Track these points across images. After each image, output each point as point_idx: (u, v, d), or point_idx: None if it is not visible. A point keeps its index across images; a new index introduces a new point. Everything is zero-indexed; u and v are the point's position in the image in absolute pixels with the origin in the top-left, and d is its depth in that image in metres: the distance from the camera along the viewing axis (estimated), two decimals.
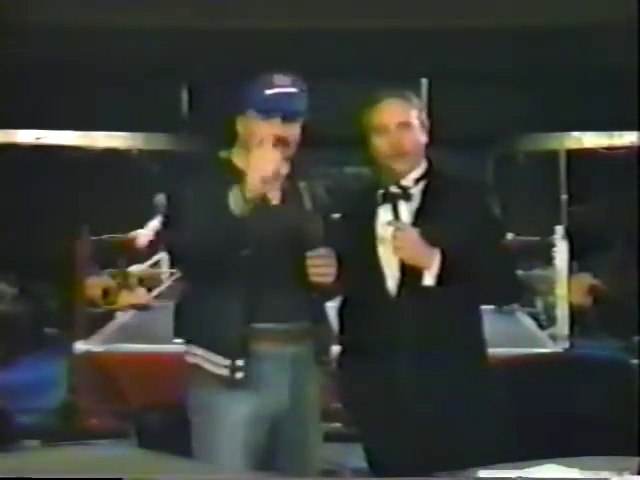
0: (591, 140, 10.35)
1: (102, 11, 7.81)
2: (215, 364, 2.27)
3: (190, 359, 2.33)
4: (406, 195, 2.41)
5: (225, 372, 2.26)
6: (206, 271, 2.25)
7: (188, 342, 2.36)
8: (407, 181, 2.43)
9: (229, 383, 2.26)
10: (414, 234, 2.31)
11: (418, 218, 2.39)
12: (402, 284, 2.37)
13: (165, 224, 2.42)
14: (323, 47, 8.56)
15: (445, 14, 7.95)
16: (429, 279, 2.30)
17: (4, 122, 9.21)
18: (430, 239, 2.31)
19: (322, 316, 2.43)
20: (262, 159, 2.15)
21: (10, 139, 10.08)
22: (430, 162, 2.49)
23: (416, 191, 2.43)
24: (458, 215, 2.36)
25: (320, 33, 8.28)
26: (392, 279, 2.38)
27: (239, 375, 2.25)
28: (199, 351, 2.30)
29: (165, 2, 7.94)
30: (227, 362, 2.26)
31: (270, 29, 8.16)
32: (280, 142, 2.24)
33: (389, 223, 2.37)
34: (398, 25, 8.14)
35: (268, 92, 2.28)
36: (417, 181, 2.44)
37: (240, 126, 2.37)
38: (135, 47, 8.64)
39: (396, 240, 2.32)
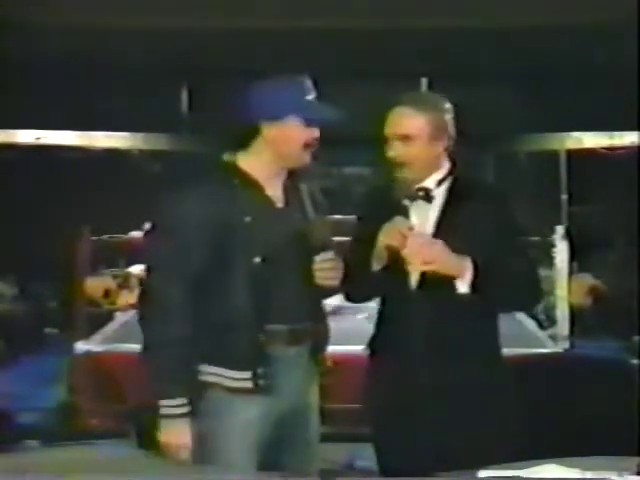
0: (591, 140, 10.35)
1: (102, 11, 7.82)
2: (235, 379, 2.23)
3: (202, 378, 2.24)
4: (428, 197, 2.39)
5: (249, 384, 2.22)
6: (213, 281, 2.22)
7: None
8: (429, 183, 2.40)
9: (253, 393, 2.23)
10: (440, 246, 2.26)
11: (443, 219, 2.36)
12: (423, 281, 2.35)
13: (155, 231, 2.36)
14: (323, 47, 8.57)
15: (445, 14, 7.96)
16: (463, 287, 2.28)
17: (4, 122, 9.21)
18: (455, 240, 2.28)
19: (322, 316, 2.43)
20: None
21: (10, 139, 10.08)
22: (454, 163, 2.45)
23: (440, 192, 2.40)
24: (484, 216, 2.33)
25: (320, 33, 8.29)
26: (414, 277, 2.36)
27: (261, 382, 2.23)
28: (213, 369, 2.24)
29: (165, 2, 7.95)
30: (248, 374, 2.22)
31: (270, 29, 8.17)
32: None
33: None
34: (398, 25, 8.14)
35: (308, 98, 2.28)
36: (440, 182, 2.41)
37: (272, 131, 2.28)
38: (135, 47, 8.66)
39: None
